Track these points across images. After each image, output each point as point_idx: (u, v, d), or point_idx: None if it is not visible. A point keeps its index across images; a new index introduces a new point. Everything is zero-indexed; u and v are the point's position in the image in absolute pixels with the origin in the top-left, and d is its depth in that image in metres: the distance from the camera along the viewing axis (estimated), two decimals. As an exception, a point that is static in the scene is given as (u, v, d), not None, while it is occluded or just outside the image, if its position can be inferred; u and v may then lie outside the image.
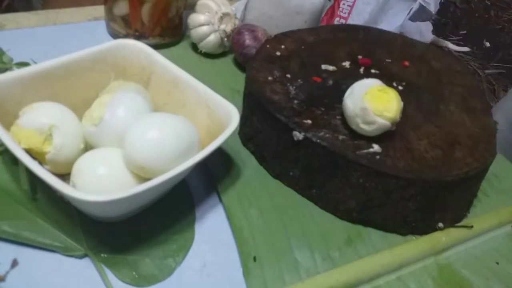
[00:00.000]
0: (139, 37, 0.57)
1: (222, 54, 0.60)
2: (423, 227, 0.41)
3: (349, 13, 0.76)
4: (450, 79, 0.50)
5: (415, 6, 0.87)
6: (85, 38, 0.59)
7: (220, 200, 0.41)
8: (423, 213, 0.40)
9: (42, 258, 0.35)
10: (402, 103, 0.38)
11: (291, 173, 0.42)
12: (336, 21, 0.79)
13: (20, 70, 0.39)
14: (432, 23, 1.01)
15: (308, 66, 0.48)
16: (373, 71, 0.49)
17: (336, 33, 0.54)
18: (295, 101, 0.43)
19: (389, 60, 0.51)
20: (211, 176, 0.43)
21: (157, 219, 0.38)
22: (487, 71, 1.55)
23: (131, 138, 0.35)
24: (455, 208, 0.42)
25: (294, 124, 0.40)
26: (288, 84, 0.45)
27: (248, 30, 0.55)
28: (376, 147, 0.39)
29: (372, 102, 0.38)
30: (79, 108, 0.40)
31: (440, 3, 0.94)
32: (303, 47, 0.51)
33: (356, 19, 0.81)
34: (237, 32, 0.56)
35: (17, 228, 0.36)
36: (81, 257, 0.35)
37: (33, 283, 0.33)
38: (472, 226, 0.42)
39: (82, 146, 0.38)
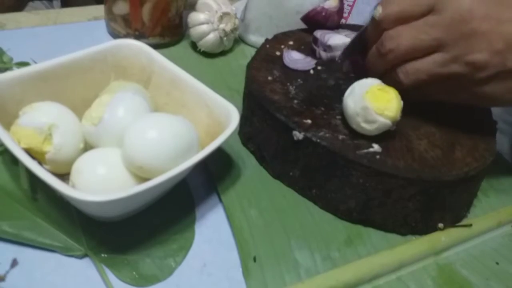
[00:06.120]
0: (139, 36, 0.57)
1: (222, 54, 0.60)
2: (423, 227, 0.41)
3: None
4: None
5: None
6: (85, 38, 0.59)
7: (220, 200, 0.41)
8: (423, 213, 0.40)
9: (42, 258, 0.35)
10: (402, 102, 0.38)
11: (291, 173, 0.42)
12: (336, 21, 0.79)
13: (20, 70, 0.39)
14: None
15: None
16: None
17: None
18: (295, 101, 0.43)
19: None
20: (211, 176, 0.43)
21: (157, 219, 0.38)
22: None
23: (130, 138, 0.35)
24: (455, 208, 0.42)
25: (294, 123, 0.40)
26: (288, 83, 0.45)
27: None
28: (376, 147, 0.39)
29: (373, 101, 0.38)
30: (79, 108, 0.40)
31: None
32: (303, 47, 0.51)
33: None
34: None
35: (17, 228, 0.35)
36: (81, 257, 0.35)
37: (33, 283, 0.33)
38: (471, 225, 0.42)
39: (81, 145, 0.38)
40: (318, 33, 0.50)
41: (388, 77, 0.41)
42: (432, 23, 0.37)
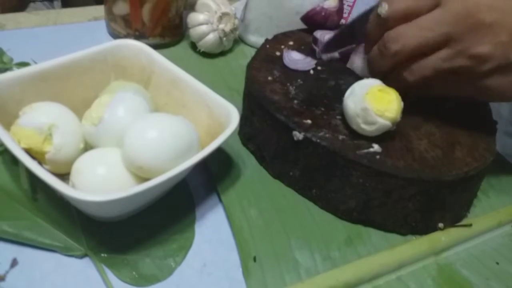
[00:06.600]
0: (139, 37, 0.57)
1: (222, 54, 0.60)
2: (423, 227, 0.41)
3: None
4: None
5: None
6: (85, 38, 0.59)
7: (220, 200, 0.41)
8: (423, 213, 0.40)
9: (42, 258, 0.35)
10: (402, 103, 0.38)
11: (291, 173, 0.42)
12: (336, 21, 0.79)
13: (20, 70, 0.39)
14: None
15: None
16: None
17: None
18: (295, 101, 0.43)
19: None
20: (211, 176, 0.43)
21: (157, 219, 0.38)
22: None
23: (130, 138, 0.35)
24: (455, 208, 0.42)
25: (294, 124, 0.40)
26: (288, 84, 0.45)
27: None
28: (376, 147, 0.39)
29: (373, 102, 0.38)
30: (79, 108, 0.40)
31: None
32: (303, 47, 0.51)
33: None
34: None
35: (17, 228, 0.36)
36: (81, 257, 0.35)
37: (33, 283, 0.33)
38: (471, 225, 0.42)
39: (81, 146, 0.38)
40: (318, 33, 0.50)
41: (391, 76, 0.41)
42: (437, 18, 0.37)
